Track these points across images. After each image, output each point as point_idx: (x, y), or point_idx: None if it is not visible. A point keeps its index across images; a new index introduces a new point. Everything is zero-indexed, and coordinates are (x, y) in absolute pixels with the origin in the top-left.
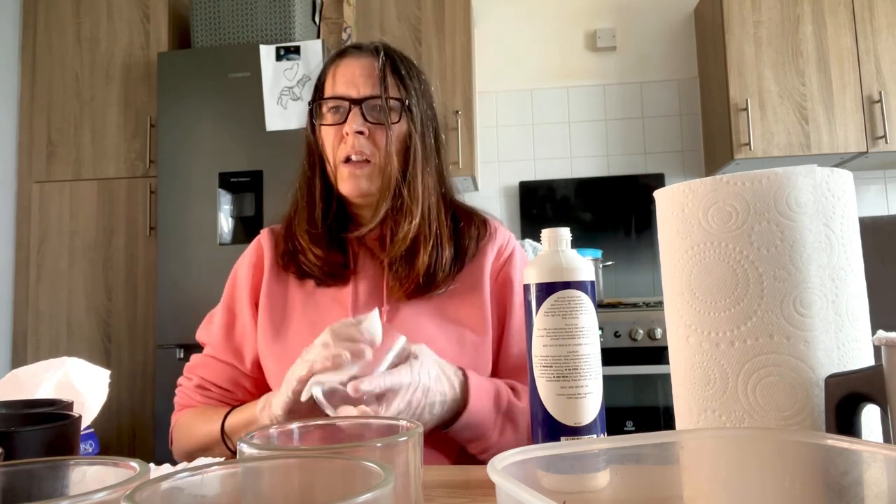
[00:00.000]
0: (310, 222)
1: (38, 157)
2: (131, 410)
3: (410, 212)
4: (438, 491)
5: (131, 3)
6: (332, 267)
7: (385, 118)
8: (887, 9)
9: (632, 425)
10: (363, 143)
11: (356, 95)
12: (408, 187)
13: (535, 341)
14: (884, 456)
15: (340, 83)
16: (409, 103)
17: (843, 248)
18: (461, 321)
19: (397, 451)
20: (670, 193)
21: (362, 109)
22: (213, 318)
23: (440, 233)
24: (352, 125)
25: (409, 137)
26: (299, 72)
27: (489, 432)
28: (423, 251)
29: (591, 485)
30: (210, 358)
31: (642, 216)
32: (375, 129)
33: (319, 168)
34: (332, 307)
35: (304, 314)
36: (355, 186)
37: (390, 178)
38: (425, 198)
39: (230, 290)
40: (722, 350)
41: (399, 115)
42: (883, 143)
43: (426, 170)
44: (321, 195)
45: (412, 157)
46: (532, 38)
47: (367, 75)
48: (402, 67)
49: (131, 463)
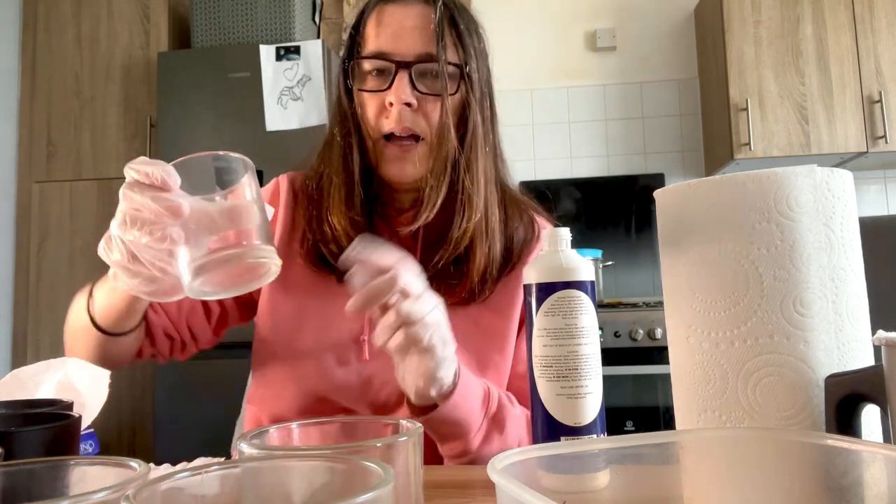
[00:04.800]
0: (349, 206)
1: (38, 157)
2: (131, 410)
3: (469, 204)
4: (438, 491)
5: (131, 3)
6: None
7: (443, 88)
8: (887, 9)
9: (632, 425)
10: (411, 116)
11: (405, 55)
12: (467, 173)
13: (535, 341)
14: (884, 456)
15: (385, 36)
16: (469, 68)
17: (843, 248)
18: (489, 337)
19: (397, 451)
20: (670, 193)
21: (411, 75)
22: None
23: (496, 229)
24: (399, 94)
25: (467, 110)
26: (299, 72)
27: (470, 434)
28: (479, 253)
29: (591, 485)
30: None
31: (642, 216)
32: (426, 100)
33: (357, 140)
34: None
35: (321, 311)
36: (401, 170)
37: (445, 160)
38: (486, 186)
39: None
40: (722, 350)
41: (457, 85)
42: (883, 143)
43: (485, 150)
44: (361, 174)
45: (470, 135)
46: (532, 38)
47: (420, 28)
48: (461, 21)
49: (131, 463)
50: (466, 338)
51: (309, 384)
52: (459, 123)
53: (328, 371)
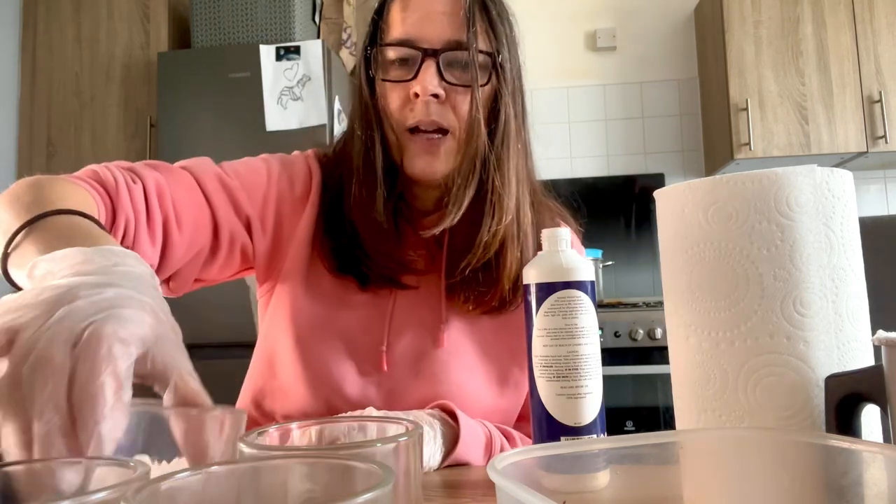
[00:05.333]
0: (370, 207)
1: (38, 157)
2: None
3: (499, 205)
4: (438, 491)
5: (131, 3)
6: (396, 268)
7: (473, 78)
8: (887, 9)
9: (632, 425)
10: (438, 108)
11: (433, 42)
12: (497, 171)
13: (535, 341)
14: (884, 456)
15: (412, 21)
16: (501, 58)
17: (843, 248)
18: (510, 352)
19: (397, 451)
20: (670, 193)
21: (439, 64)
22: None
23: (528, 232)
24: (425, 85)
25: (498, 102)
26: (299, 72)
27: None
28: (511, 258)
29: (591, 485)
30: (184, 175)
31: (642, 216)
32: (455, 91)
33: (379, 134)
34: (371, 315)
35: (339, 305)
36: (428, 165)
37: (474, 157)
38: (518, 186)
39: (266, 170)
40: (722, 350)
41: (488, 75)
42: (883, 143)
43: (517, 147)
44: (384, 172)
45: (502, 131)
46: (532, 38)
47: (449, 14)
48: (492, 7)
49: (131, 463)
50: (487, 350)
51: (324, 392)
52: (490, 117)
53: (345, 380)
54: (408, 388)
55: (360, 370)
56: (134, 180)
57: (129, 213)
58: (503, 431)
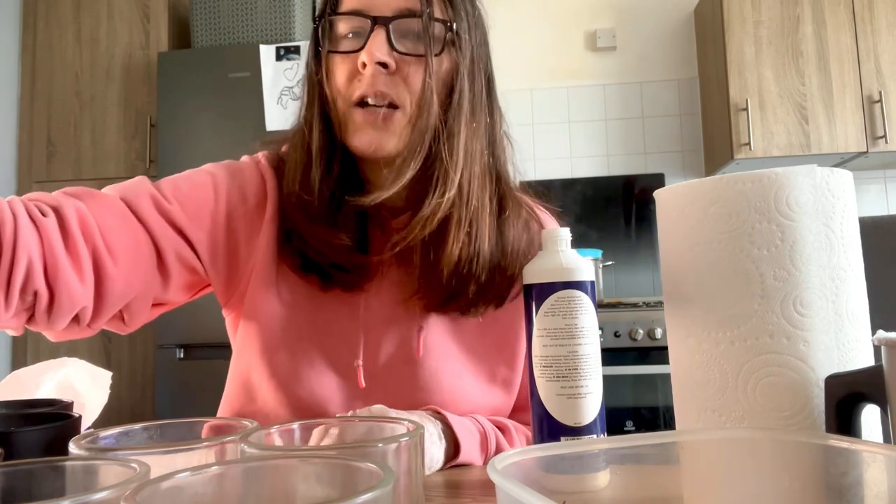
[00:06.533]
0: (303, 186)
1: (38, 157)
2: (131, 410)
3: (444, 179)
4: (438, 491)
5: (131, 3)
6: (339, 253)
7: (427, 46)
8: (887, 9)
9: (632, 425)
10: (387, 79)
11: (383, 10)
12: (446, 145)
13: (535, 341)
14: (884, 456)
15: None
16: (458, 29)
17: (843, 248)
18: (497, 349)
19: (397, 451)
20: (670, 193)
21: (389, 32)
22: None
23: (479, 217)
24: (372, 51)
25: (455, 78)
26: (299, 72)
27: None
28: (454, 240)
29: (591, 485)
30: (121, 198)
31: (642, 216)
32: (406, 62)
33: (320, 110)
34: (342, 312)
35: (310, 318)
36: (370, 140)
37: (423, 132)
38: (467, 164)
39: (210, 183)
40: (722, 350)
41: (442, 45)
42: (883, 143)
43: (472, 126)
44: (321, 148)
45: (455, 106)
46: (532, 38)
47: None
48: None
49: (131, 463)
50: (473, 350)
51: (308, 416)
52: (444, 93)
53: (330, 401)
54: (395, 399)
55: (341, 385)
56: (45, 213)
57: (33, 252)
58: (497, 424)
